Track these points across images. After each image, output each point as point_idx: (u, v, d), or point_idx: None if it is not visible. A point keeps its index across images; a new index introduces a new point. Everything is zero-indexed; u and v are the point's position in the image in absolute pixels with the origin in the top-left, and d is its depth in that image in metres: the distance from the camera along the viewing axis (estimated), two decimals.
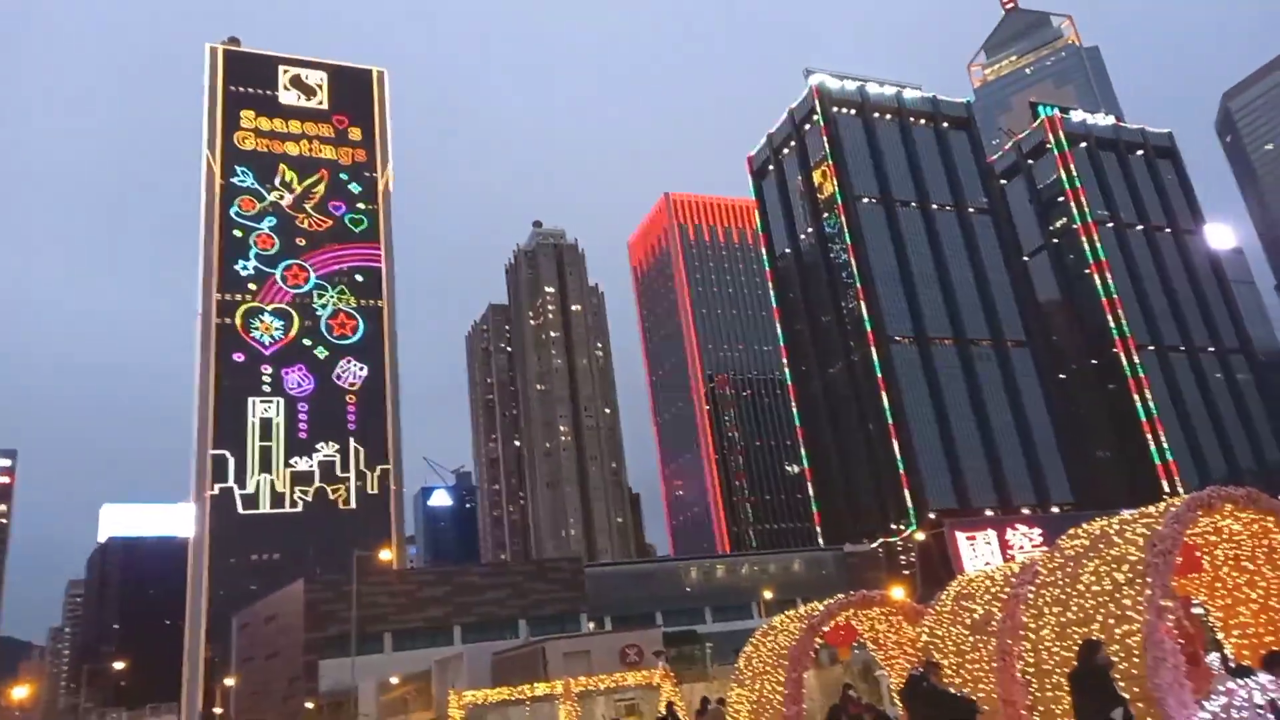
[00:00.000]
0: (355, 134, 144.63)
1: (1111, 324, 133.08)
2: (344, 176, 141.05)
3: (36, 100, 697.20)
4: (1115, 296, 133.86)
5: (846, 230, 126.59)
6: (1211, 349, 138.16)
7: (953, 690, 11.40)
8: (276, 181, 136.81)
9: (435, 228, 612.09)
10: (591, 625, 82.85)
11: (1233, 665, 10.63)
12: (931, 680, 11.14)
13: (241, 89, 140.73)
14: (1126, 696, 8.71)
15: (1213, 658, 11.78)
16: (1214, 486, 10.72)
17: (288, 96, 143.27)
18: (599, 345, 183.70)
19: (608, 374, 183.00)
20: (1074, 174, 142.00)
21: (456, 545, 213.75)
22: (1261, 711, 7.67)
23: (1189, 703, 8.42)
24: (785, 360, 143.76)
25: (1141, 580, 9.09)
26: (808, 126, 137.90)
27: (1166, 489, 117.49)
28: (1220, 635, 11.77)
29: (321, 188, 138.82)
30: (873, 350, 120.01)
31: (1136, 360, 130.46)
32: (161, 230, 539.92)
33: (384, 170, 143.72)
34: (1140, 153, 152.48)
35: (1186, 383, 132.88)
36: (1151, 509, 10.17)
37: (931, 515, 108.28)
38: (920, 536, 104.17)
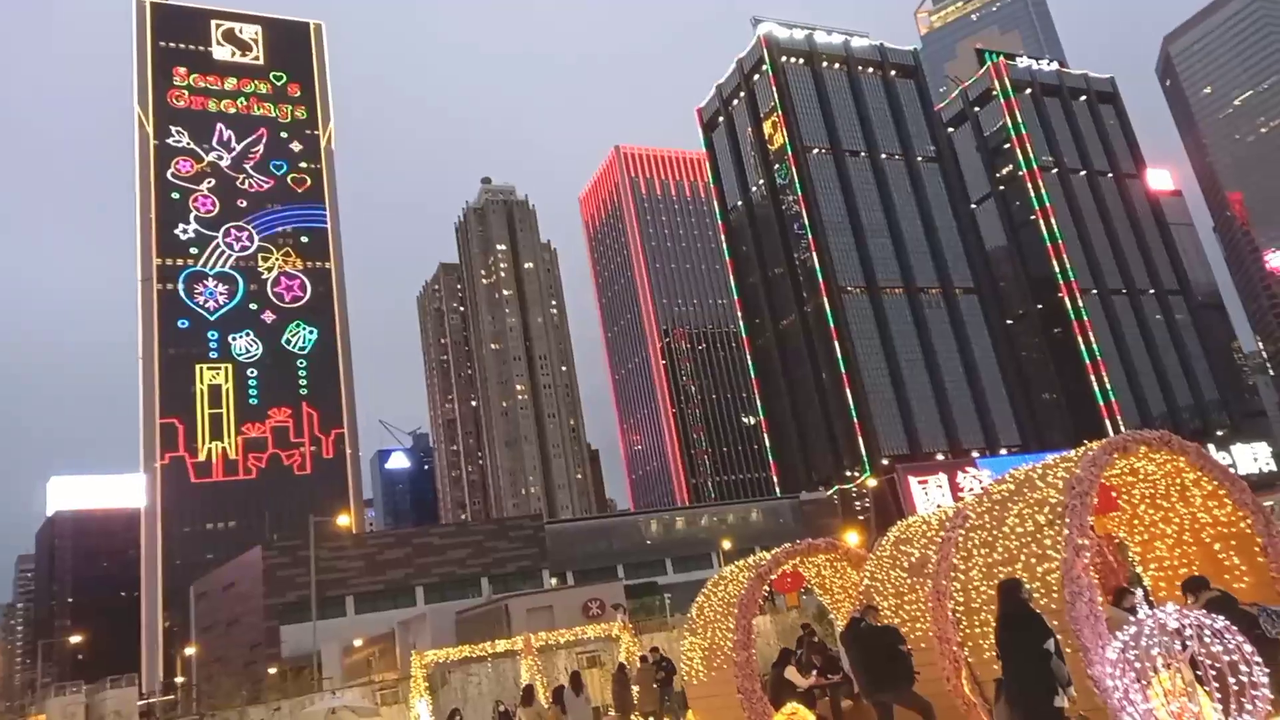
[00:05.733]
0: (294, 90, 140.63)
1: (1056, 269, 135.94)
2: (284, 135, 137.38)
3: None
4: (1060, 241, 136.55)
5: (797, 181, 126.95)
6: (1151, 291, 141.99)
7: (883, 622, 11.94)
8: (214, 141, 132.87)
9: (381, 187, 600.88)
10: (554, 581, 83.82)
11: (1149, 597, 11.29)
12: (869, 621, 11.64)
13: (172, 44, 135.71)
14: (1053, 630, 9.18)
15: (1137, 592, 12.47)
16: (1130, 431, 11.23)
17: (221, 52, 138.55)
18: (553, 302, 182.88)
19: (563, 330, 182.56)
20: (1019, 121, 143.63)
21: (415, 507, 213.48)
22: (1168, 639, 8.17)
23: (1103, 633, 8.93)
24: (739, 313, 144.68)
25: (1061, 521, 9.57)
26: (756, 77, 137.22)
27: (1110, 429, 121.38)
28: (1139, 569, 12.45)
29: (261, 147, 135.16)
30: (825, 300, 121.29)
31: (1080, 304, 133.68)
32: (101, 193, 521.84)
33: (325, 127, 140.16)
34: (1083, 98, 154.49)
35: (1128, 324, 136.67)
36: (1072, 453, 10.67)
37: (884, 461, 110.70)
38: (873, 482, 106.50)
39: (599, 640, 33.52)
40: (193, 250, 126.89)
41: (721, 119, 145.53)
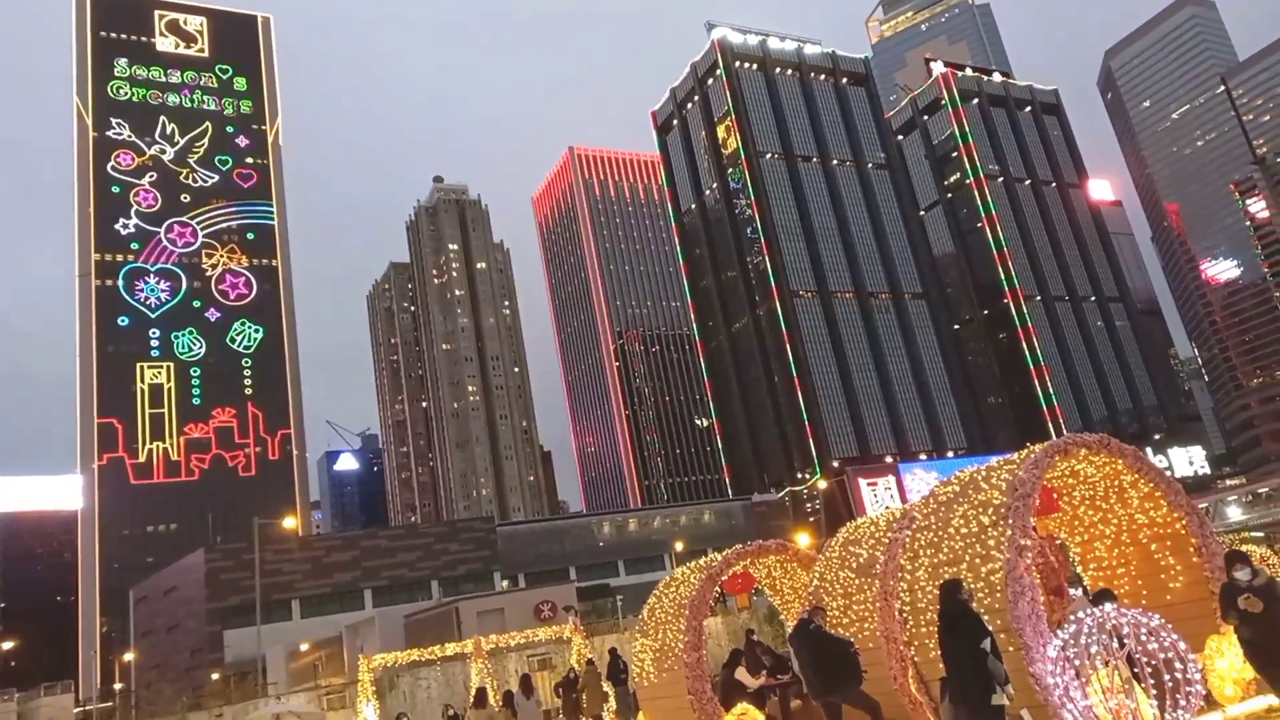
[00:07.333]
0: (240, 84, 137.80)
1: (1001, 275, 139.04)
2: (230, 129, 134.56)
3: None
4: (1005, 249, 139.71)
5: (750, 185, 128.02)
6: (1093, 298, 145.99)
7: (835, 631, 12.07)
8: (156, 134, 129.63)
9: (331, 184, 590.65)
10: (505, 583, 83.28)
11: (1090, 595, 11.57)
12: (818, 623, 11.74)
13: (114, 35, 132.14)
14: (990, 629, 9.38)
15: (1077, 591, 12.80)
16: (1070, 433, 11.52)
17: (165, 43, 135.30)
18: (506, 303, 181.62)
19: (516, 331, 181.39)
20: (966, 130, 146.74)
21: (364, 509, 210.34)
22: (1106, 638, 8.40)
23: (1044, 631, 9.15)
24: (693, 315, 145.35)
25: (1004, 522, 9.77)
26: (710, 81, 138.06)
27: (1053, 432, 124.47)
28: (1079, 569, 12.77)
29: (206, 141, 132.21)
30: (777, 304, 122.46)
31: (1025, 310, 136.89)
32: (40, 185, 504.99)
33: (273, 122, 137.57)
34: (1028, 109, 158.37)
35: (1070, 330, 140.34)
36: (1014, 456, 10.91)
37: (835, 463, 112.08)
38: (824, 484, 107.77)
39: (550, 643, 33.37)
40: (134, 245, 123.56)
41: (675, 122, 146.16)
